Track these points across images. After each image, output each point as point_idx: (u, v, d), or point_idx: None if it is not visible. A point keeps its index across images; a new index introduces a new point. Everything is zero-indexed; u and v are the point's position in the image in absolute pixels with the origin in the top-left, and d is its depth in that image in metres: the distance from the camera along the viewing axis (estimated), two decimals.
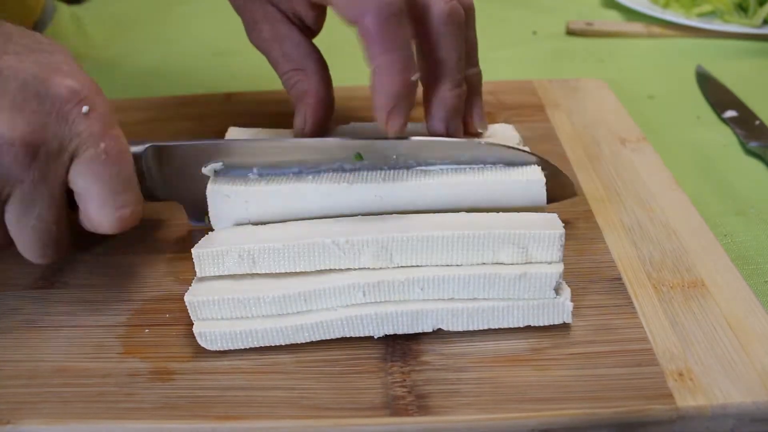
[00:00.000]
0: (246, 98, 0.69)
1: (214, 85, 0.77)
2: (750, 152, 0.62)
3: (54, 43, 0.42)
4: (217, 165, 0.45)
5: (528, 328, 0.41)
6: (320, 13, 0.50)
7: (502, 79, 0.72)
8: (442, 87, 0.46)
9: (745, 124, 0.66)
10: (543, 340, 0.40)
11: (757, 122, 0.65)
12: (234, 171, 0.45)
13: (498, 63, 0.82)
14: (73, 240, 0.43)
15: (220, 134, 0.51)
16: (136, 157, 0.43)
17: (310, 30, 0.50)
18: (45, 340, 0.42)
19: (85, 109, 0.39)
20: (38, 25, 0.90)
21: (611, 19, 0.94)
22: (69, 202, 0.41)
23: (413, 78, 0.41)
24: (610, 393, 0.37)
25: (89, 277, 0.47)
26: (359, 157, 0.45)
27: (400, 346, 0.41)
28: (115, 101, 0.69)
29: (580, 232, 0.49)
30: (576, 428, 0.36)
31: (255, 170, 0.45)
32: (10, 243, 0.41)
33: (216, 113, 0.66)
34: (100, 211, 0.40)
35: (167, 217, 0.52)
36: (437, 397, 0.37)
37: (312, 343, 0.41)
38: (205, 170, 0.45)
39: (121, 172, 0.40)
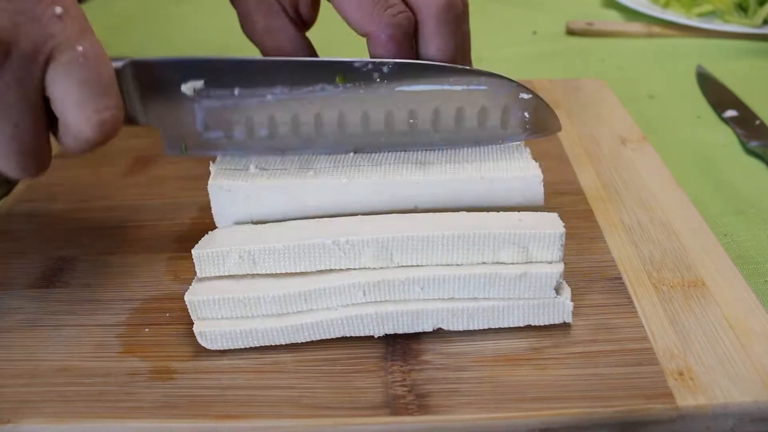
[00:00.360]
0: None
1: None
2: (750, 152, 0.63)
3: None
4: (198, 84, 0.43)
5: (528, 328, 0.41)
6: (316, 5, 0.50)
7: None
8: None
9: (745, 123, 0.66)
10: (543, 339, 0.40)
11: (757, 122, 0.65)
12: (216, 92, 0.43)
13: (498, 63, 0.82)
14: (49, 156, 0.40)
15: None
16: (116, 72, 0.41)
17: (304, 23, 0.51)
18: (45, 340, 0.42)
19: (58, 10, 0.37)
20: None
21: (611, 19, 0.94)
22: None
23: None
24: (610, 392, 0.37)
25: (89, 276, 0.47)
26: (342, 78, 0.44)
27: (400, 346, 0.41)
28: None
29: (580, 231, 0.49)
30: (576, 427, 0.36)
31: (252, 164, 0.44)
32: None
33: None
34: (80, 114, 0.38)
35: (166, 216, 0.52)
36: (437, 396, 0.37)
37: (312, 342, 0.41)
38: (185, 88, 0.43)
39: (100, 75, 0.38)
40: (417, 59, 0.45)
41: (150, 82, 0.43)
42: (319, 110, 0.44)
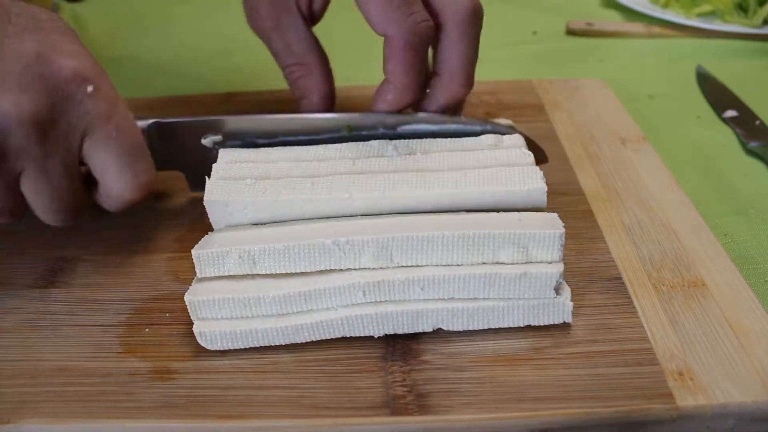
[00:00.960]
0: (246, 98, 0.69)
1: (214, 84, 0.77)
2: (750, 152, 0.62)
3: (54, 18, 0.43)
4: (216, 137, 0.48)
5: (528, 328, 0.41)
6: (327, 0, 0.51)
7: (502, 79, 0.72)
8: (454, 81, 0.47)
9: (745, 123, 0.66)
10: (543, 339, 0.40)
11: (757, 122, 0.65)
12: (232, 143, 0.49)
13: (498, 63, 0.82)
14: (86, 207, 0.45)
15: None
16: (142, 131, 0.45)
17: (313, 17, 0.51)
18: (45, 340, 0.42)
19: (90, 89, 0.40)
20: None
21: (611, 19, 0.94)
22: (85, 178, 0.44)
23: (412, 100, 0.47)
24: (610, 392, 0.37)
25: (89, 276, 0.47)
26: (349, 129, 0.47)
27: (400, 346, 0.41)
28: None
29: (580, 231, 0.49)
30: (576, 428, 0.36)
31: (249, 180, 0.45)
32: (25, 211, 0.43)
33: (216, 113, 0.66)
34: (119, 181, 0.42)
35: (167, 216, 0.52)
36: (437, 396, 0.37)
37: (312, 342, 0.41)
38: (205, 141, 0.49)
39: (133, 144, 0.43)
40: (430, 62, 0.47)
41: (172, 138, 0.49)
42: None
